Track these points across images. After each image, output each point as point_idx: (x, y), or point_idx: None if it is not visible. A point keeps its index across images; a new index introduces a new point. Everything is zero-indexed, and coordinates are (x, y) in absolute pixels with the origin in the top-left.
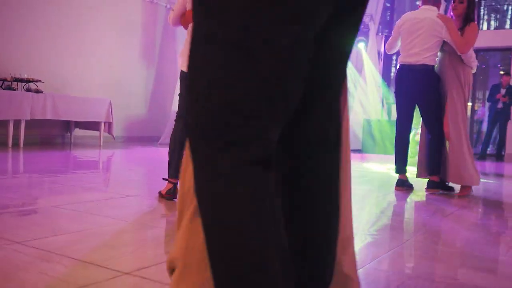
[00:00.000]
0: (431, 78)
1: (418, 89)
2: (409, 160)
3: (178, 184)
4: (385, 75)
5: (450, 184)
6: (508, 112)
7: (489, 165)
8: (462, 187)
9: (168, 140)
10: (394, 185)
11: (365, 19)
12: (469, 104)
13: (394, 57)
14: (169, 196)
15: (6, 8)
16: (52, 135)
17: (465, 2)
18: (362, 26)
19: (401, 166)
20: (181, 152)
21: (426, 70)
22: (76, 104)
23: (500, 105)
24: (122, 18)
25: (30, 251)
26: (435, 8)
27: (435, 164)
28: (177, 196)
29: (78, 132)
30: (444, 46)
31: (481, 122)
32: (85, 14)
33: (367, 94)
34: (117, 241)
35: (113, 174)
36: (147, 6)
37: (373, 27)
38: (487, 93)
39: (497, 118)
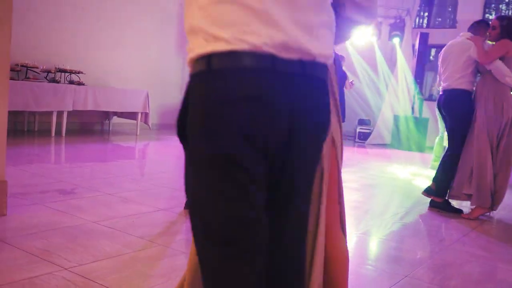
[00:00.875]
0: (456, 100)
1: (446, 111)
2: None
3: None
4: (418, 72)
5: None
6: None
7: None
8: (473, 208)
9: None
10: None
11: (402, 13)
12: None
13: (432, 54)
14: None
15: (50, 3)
16: (92, 122)
17: (497, 28)
18: (398, 21)
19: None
20: None
21: (453, 93)
22: (115, 95)
23: None
24: (158, 9)
25: (76, 279)
26: (469, 33)
27: (442, 185)
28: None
29: (116, 120)
30: (480, 67)
31: None
32: (123, 6)
33: (397, 91)
34: (151, 270)
35: (147, 178)
36: None
37: (409, 22)
38: None
39: None
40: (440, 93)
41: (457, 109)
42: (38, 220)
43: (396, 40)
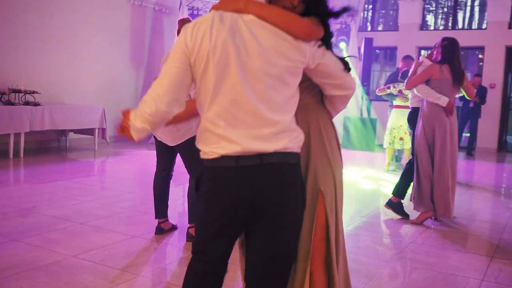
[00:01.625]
0: (411, 117)
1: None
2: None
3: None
4: (364, 75)
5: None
6: (478, 111)
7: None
8: (420, 214)
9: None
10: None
11: (346, 19)
12: None
13: (378, 55)
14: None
15: (0, 23)
16: (48, 140)
17: (438, 47)
18: (343, 26)
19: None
20: (164, 196)
21: (411, 111)
22: (72, 113)
23: (471, 104)
24: (111, 23)
25: None
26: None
27: (401, 188)
28: None
29: (72, 135)
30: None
31: None
32: (75, 23)
33: None
34: None
35: (115, 201)
36: (135, 10)
37: (354, 27)
38: None
39: (469, 116)
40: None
41: (412, 125)
42: (20, 259)
43: (342, 45)
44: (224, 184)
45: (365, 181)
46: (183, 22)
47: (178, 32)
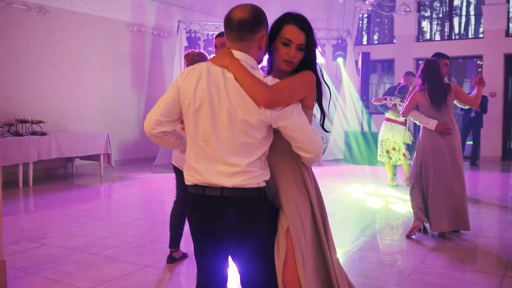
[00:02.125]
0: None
1: None
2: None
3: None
4: (363, 89)
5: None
6: (480, 121)
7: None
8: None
9: (162, 162)
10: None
11: (343, 34)
12: None
13: (376, 68)
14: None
15: (2, 55)
16: (56, 167)
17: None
18: (340, 41)
19: None
20: (180, 226)
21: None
22: (77, 140)
23: (473, 114)
24: (112, 50)
25: None
26: None
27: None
28: None
29: (78, 161)
30: None
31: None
32: (77, 51)
33: (345, 108)
34: None
35: (124, 229)
36: (134, 35)
37: (350, 42)
38: None
39: (471, 126)
40: None
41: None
42: None
43: (340, 60)
44: (197, 209)
45: (369, 197)
46: (187, 57)
47: (186, 65)
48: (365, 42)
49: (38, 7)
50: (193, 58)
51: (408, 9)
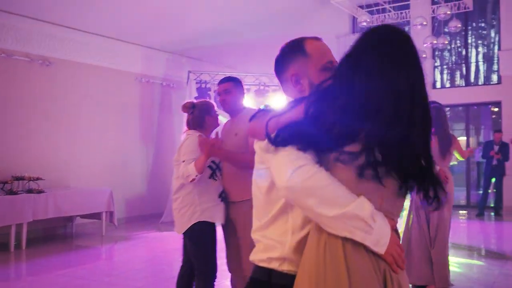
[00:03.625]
0: None
1: None
2: None
3: None
4: None
5: None
6: (503, 168)
7: (486, 228)
8: None
9: (169, 218)
10: None
11: None
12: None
13: None
14: None
15: (4, 108)
16: (54, 226)
17: None
18: None
19: None
20: None
21: None
22: (78, 198)
23: (495, 162)
24: (118, 101)
25: None
26: None
27: None
28: None
29: (79, 220)
30: None
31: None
32: (82, 104)
33: None
34: None
35: None
36: (143, 86)
37: None
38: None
39: (493, 175)
40: None
41: None
42: None
43: None
44: None
45: None
46: (184, 108)
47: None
48: None
49: (41, 59)
50: (188, 110)
51: (424, 56)
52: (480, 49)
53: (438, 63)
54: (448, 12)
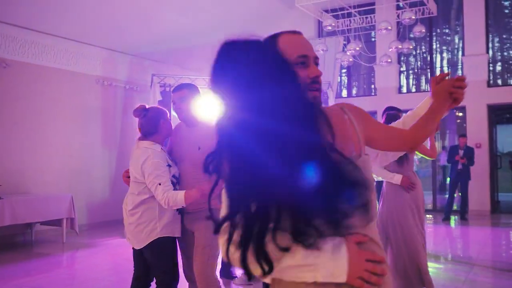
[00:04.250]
0: None
1: None
2: None
3: None
4: None
5: None
6: (468, 173)
7: (452, 233)
8: None
9: None
10: None
11: (324, 86)
12: None
13: None
14: None
15: None
16: (12, 234)
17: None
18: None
19: None
20: None
21: None
22: (36, 204)
23: (460, 166)
24: (80, 105)
25: None
26: None
27: None
28: None
29: (39, 226)
30: None
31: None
32: (41, 108)
33: None
34: None
35: None
36: (105, 89)
37: (331, 94)
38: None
39: (458, 179)
40: None
41: None
42: None
43: None
44: None
45: None
46: (135, 112)
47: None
48: (344, 95)
49: None
50: (140, 114)
51: (389, 60)
52: (444, 54)
53: (404, 68)
54: (413, 17)
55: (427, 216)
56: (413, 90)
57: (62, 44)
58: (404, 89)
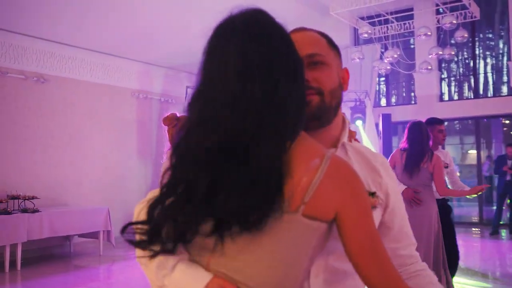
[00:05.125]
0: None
1: None
2: None
3: None
4: (385, 152)
5: None
6: None
7: (501, 248)
8: None
9: None
10: None
11: (361, 95)
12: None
13: (397, 131)
14: None
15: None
16: (51, 246)
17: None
18: (358, 103)
19: None
20: None
21: None
22: (74, 217)
23: (508, 178)
24: (116, 118)
25: None
26: None
27: None
28: None
29: (77, 239)
30: None
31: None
32: (79, 121)
33: None
34: None
35: None
36: (140, 102)
37: (369, 103)
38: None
39: (507, 191)
40: None
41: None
42: None
43: (359, 123)
44: None
45: None
46: (165, 121)
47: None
48: (383, 104)
49: (36, 76)
50: (171, 123)
51: (430, 67)
52: (488, 60)
53: (445, 75)
54: (454, 22)
55: (473, 229)
56: (455, 97)
57: (98, 59)
58: (446, 97)
